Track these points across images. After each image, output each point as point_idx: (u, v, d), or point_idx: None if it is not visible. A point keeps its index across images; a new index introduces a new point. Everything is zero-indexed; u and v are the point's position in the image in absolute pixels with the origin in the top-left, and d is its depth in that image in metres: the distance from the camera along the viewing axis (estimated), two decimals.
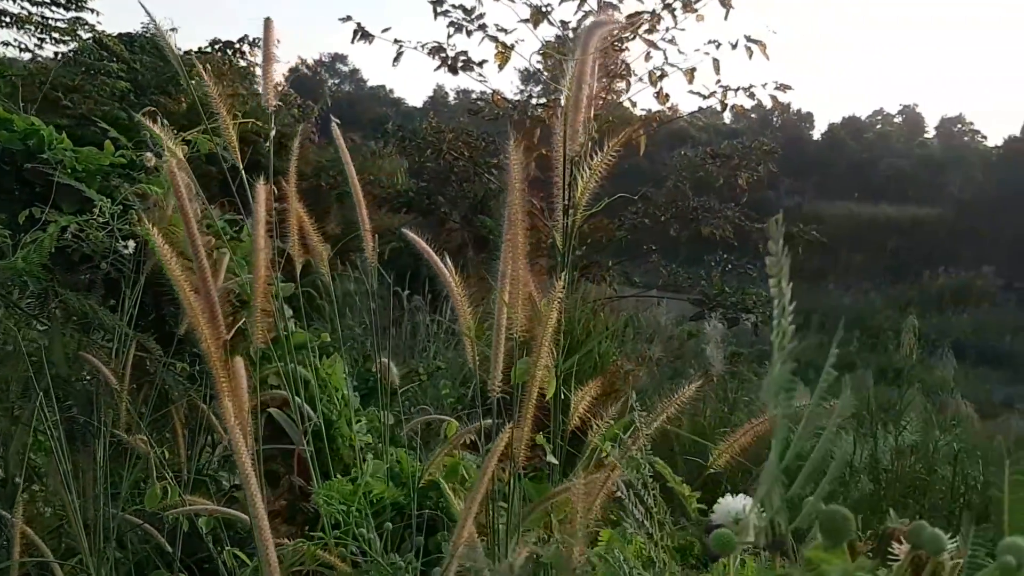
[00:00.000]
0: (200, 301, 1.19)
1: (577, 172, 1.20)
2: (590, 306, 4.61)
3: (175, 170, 1.28)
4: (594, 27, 1.11)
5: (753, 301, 6.16)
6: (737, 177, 6.51)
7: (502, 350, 1.29)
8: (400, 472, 1.77)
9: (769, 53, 5.92)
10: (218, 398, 1.15)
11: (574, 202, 1.23)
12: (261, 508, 1.04)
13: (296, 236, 1.56)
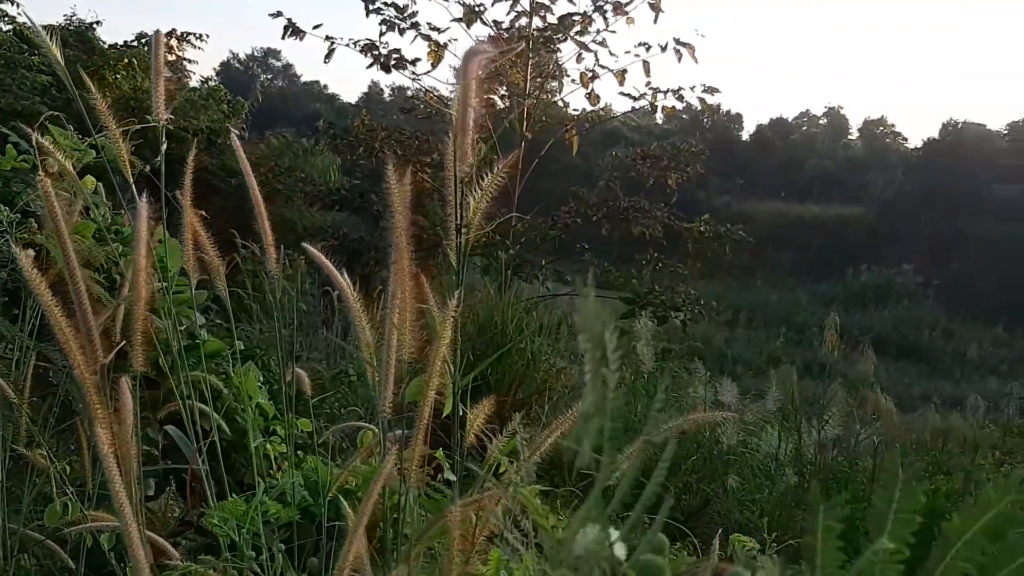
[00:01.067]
0: (74, 325, 1.13)
1: (469, 192, 1.23)
2: (522, 305, 4.64)
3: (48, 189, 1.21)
4: (471, 54, 1.14)
5: (682, 299, 6.28)
6: (667, 178, 6.63)
7: (392, 371, 1.30)
8: (317, 482, 1.76)
9: (698, 56, 6.05)
10: (91, 425, 1.10)
11: (467, 221, 1.25)
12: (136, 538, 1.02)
13: (191, 249, 1.50)
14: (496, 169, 1.21)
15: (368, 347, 1.33)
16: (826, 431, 5.48)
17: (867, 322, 23.32)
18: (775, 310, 24.56)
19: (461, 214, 1.25)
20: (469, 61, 1.15)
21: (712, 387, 6.15)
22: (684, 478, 5.04)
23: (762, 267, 29.55)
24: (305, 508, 1.70)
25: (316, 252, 1.48)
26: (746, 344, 20.30)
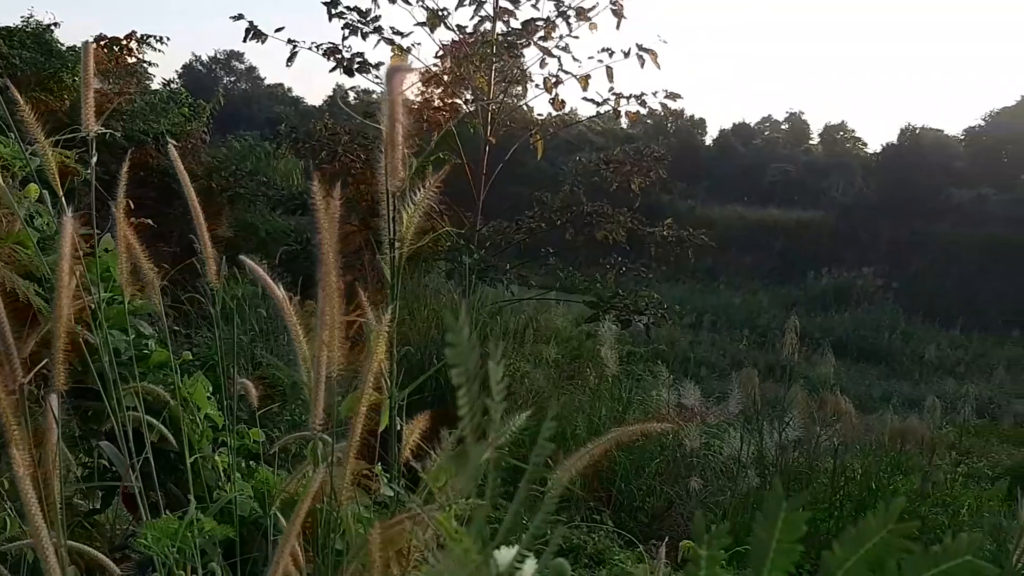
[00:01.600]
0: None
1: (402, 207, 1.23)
2: (487, 309, 4.65)
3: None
4: (394, 71, 1.15)
5: (645, 303, 6.32)
6: (631, 182, 6.67)
7: (323, 387, 1.29)
8: (267, 492, 1.73)
9: (662, 62, 6.10)
10: (7, 447, 1.06)
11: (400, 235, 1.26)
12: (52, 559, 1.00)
13: (125, 265, 1.46)
14: (428, 184, 1.21)
15: (305, 361, 1.31)
16: (787, 433, 5.55)
17: (828, 324, 23.63)
18: (738, 313, 24.79)
19: (394, 228, 1.25)
20: (392, 78, 1.15)
21: (675, 390, 6.20)
22: (648, 481, 5.08)
23: (725, 270, 29.84)
24: (256, 520, 1.67)
25: (252, 263, 1.46)
26: (710, 347, 20.46)
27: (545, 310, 10.89)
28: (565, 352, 10.10)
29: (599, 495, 4.86)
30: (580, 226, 6.54)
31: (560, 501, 3.16)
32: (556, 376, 6.72)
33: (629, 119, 6.45)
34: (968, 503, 5.23)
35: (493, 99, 6.54)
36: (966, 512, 5.07)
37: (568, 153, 9.76)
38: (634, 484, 4.97)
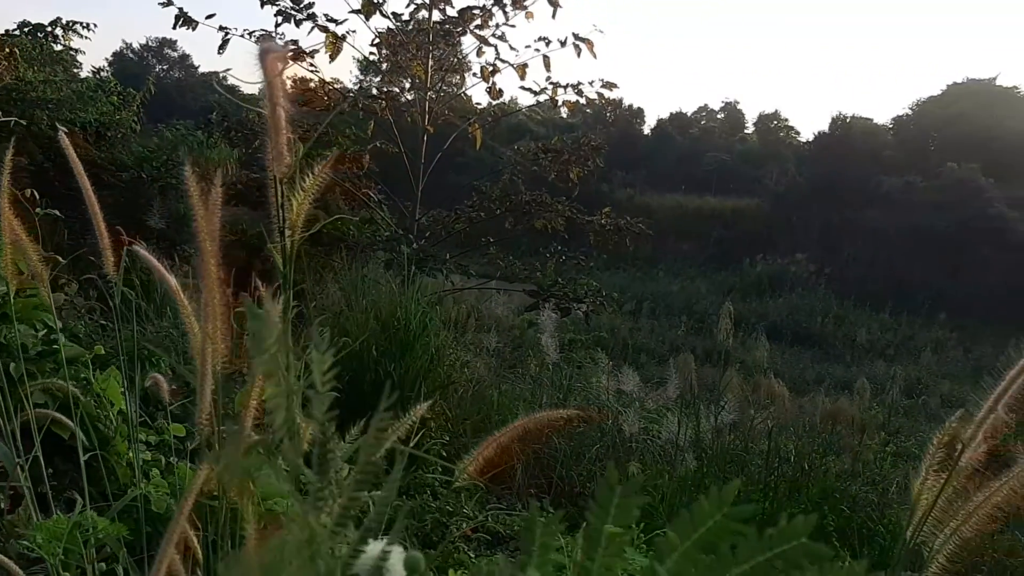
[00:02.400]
0: None
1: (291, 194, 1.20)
2: (427, 299, 4.63)
3: None
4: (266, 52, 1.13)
5: (585, 291, 6.37)
6: (569, 171, 6.70)
7: (208, 381, 1.26)
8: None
9: (600, 52, 6.13)
10: None
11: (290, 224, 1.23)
12: None
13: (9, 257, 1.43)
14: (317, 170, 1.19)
15: (199, 353, 1.27)
16: (722, 416, 5.66)
17: (763, 310, 24.16)
18: (677, 299, 25.17)
19: (283, 216, 1.21)
20: (265, 58, 1.13)
21: (615, 376, 6.28)
22: (588, 466, 5.13)
23: (664, 258, 30.26)
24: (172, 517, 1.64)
25: (143, 251, 1.42)
26: (649, 333, 20.74)
27: (487, 299, 10.92)
28: (508, 341, 10.14)
29: (539, 482, 4.90)
30: (519, 215, 6.55)
31: (501, 489, 3.17)
32: (497, 365, 6.74)
33: (567, 108, 6.47)
34: (897, 481, 5.40)
35: (431, 88, 6.50)
36: (895, 490, 5.24)
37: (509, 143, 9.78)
38: (574, 470, 5.01)
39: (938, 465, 1.24)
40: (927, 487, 1.23)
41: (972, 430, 1.24)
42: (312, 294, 5.18)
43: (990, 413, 1.23)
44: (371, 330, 4.34)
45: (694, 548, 0.47)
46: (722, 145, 40.57)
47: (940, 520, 1.22)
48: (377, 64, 7.64)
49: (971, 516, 1.21)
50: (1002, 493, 1.22)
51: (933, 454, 1.25)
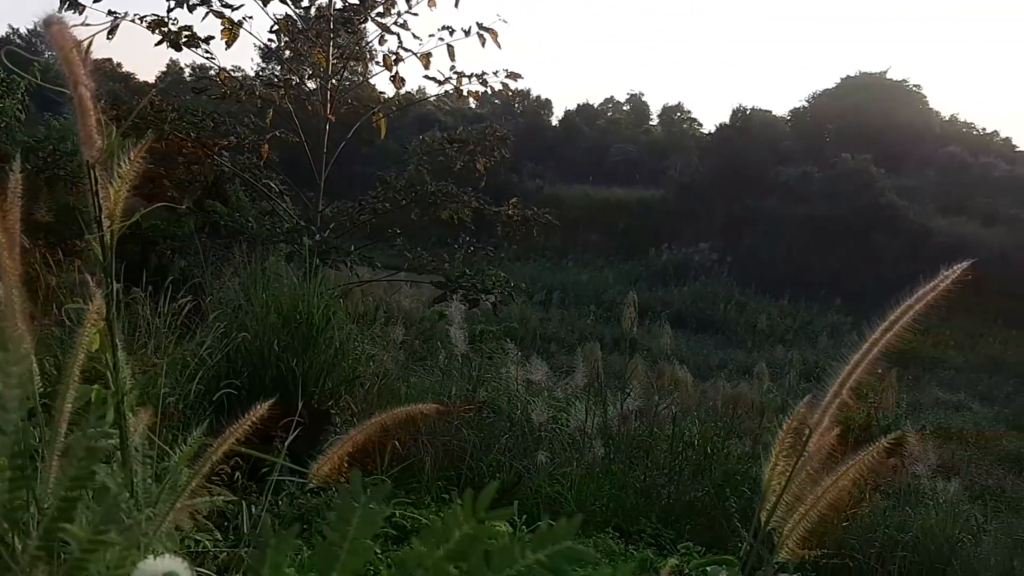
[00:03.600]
0: None
1: (108, 181, 1.13)
2: (331, 292, 4.54)
3: None
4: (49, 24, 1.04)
5: (493, 282, 6.36)
6: (475, 162, 6.67)
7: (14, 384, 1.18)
8: None
9: (507, 42, 6.12)
10: None
11: (108, 212, 1.15)
12: None
13: None
14: (132, 155, 1.12)
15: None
16: (628, 403, 5.75)
17: (669, 298, 24.71)
18: (586, 289, 25.50)
19: (98, 204, 1.13)
20: (51, 32, 1.04)
21: (524, 366, 6.30)
22: (497, 457, 5.14)
23: (574, 248, 30.59)
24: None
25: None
26: (559, 323, 20.96)
27: (395, 291, 10.81)
28: (418, 333, 10.06)
29: (449, 474, 4.87)
30: (425, 206, 6.49)
31: (409, 482, 3.13)
32: (406, 358, 6.67)
33: (472, 98, 6.44)
34: None
35: (332, 76, 6.36)
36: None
37: (419, 133, 9.68)
38: (484, 461, 5.01)
39: (787, 450, 1.26)
40: (777, 473, 1.25)
41: (819, 415, 1.26)
42: (210, 288, 5.02)
43: (835, 398, 1.25)
44: (271, 324, 4.23)
45: (445, 560, 0.43)
46: (628, 136, 41.22)
47: (791, 505, 1.24)
48: (279, 52, 7.44)
49: (819, 500, 1.23)
50: (849, 476, 1.25)
51: (782, 439, 1.27)
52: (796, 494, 1.22)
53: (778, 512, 1.22)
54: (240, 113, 7.02)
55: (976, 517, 5.96)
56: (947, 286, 1.22)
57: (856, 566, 4.66)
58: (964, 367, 21.45)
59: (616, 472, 5.42)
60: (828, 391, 1.26)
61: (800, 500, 1.22)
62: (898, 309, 1.23)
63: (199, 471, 1.14)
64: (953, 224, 29.68)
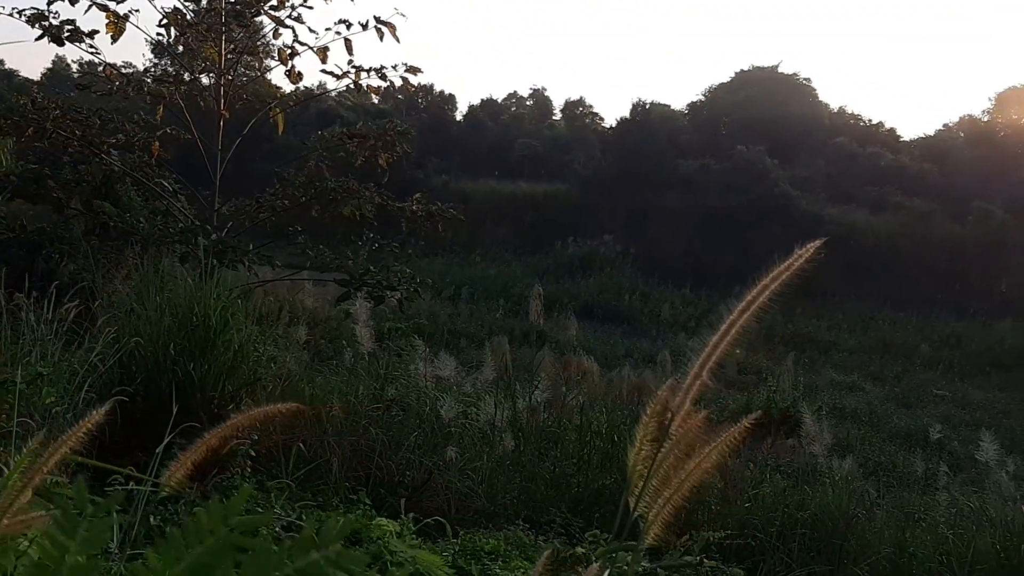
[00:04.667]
0: None
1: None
2: (229, 293, 4.41)
3: None
4: None
5: (398, 278, 6.30)
6: (377, 157, 6.59)
7: None
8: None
9: (407, 37, 6.07)
10: None
11: None
12: None
13: None
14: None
15: None
16: (536, 395, 5.79)
17: (575, 290, 25.04)
18: (494, 283, 25.57)
19: None
20: None
21: (432, 362, 6.27)
22: (406, 455, 5.10)
23: (481, 243, 30.62)
24: None
25: None
26: (469, 318, 20.97)
27: (299, 291, 10.60)
28: (324, 333, 9.89)
29: (358, 474, 4.81)
30: (325, 203, 6.37)
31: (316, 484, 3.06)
32: (311, 358, 6.55)
33: (371, 92, 6.36)
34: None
35: (225, 71, 6.18)
36: None
37: (320, 129, 9.50)
38: (393, 459, 4.96)
39: (651, 435, 1.28)
40: (642, 458, 1.26)
41: (680, 397, 1.27)
42: (101, 292, 4.81)
43: (696, 379, 1.27)
44: (166, 328, 4.08)
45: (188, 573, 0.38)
46: (532, 131, 41.43)
47: (657, 490, 1.25)
48: (171, 47, 7.19)
49: (683, 484, 1.25)
50: (712, 459, 1.27)
51: (646, 424, 1.28)
52: (663, 478, 1.24)
53: (645, 497, 1.23)
54: (130, 110, 6.75)
55: (869, 493, 6.25)
56: (801, 264, 1.25)
57: (759, 545, 4.81)
58: (857, 349, 22.41)
59: (526, 464, 5.45)
60: (689, 373, 1.27)
61: (666, 484, 1.23)
62: (754, 289, 1.25)
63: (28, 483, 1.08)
64: (843, 212, 30.97)
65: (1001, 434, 11.13)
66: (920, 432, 12.29)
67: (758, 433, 8.68)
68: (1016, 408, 17.64)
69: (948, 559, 4.91)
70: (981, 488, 6.33)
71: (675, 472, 1.21)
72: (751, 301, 1.23)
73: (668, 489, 1.21)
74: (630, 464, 1.24)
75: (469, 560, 3.31)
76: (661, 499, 1.21)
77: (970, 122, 40.52)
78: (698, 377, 1.25)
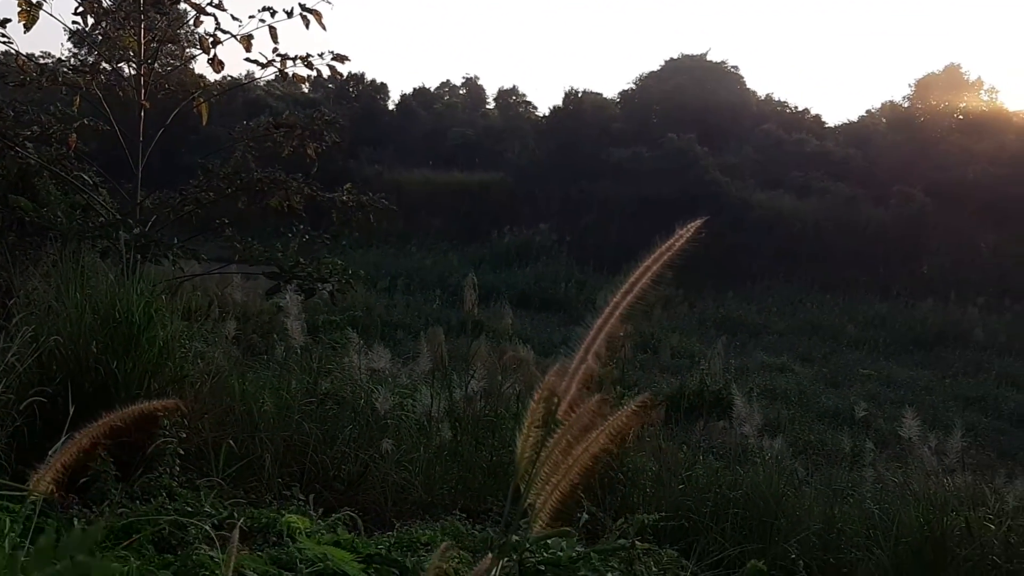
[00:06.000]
0: None
1: None
2: (151, 289, 4.29)
3: None
4: None
5: (329, 271, 6.21)
6: (306, 147, 6.48)
7: None
8: None
9: (331, 25, 5.96)
10: None
11: None
12: None
13: None
14: None
15: None
16: (472, 385, 5.79)
17: (512, 279, 25.12)
18: (431, 274, 25.49)
19: None
20: None
21: (366, 354, 6.21)
22: (341, 448, 5.05)
23: (417, 233, 30.47)
24: None
25: None
26: (405, 309, 20.88)
27: (228, 285, 10.40)
28: (256, 327, 9.71)
29: (292, 469, 4.74)
30: (251, 194, 6.24)
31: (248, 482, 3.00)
32: (241, 353, 6.42)
33: (297, 81, 6.24)
34: (633, 431, 5.79)
35: (145, 60, 6.00)
36: (631, 439, 5.61)
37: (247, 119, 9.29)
38: (327, 454, 4.90)
39: (539, 421, 1.27)
40: (530, 445, 1.25)
41: (567, 382, 1.26)
42: (17, 290, 4.63)
43: (581, 363, 1.26)
44: (88, 326, 3.96)
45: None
46: (465, 120, 41.31)
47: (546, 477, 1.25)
48: (90, 36, 6.95)
49: (570, 471, 1.25)
50: (599, 444, 1.27)
51: (534, 410, 1.27)
52: (552, 465, 1.23)
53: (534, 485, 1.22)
54: (47, 101, 6.51)
55: (799, 471, 6.41)
56: (682, 244, 1.25)
57: (692, 525, 4.90)
58: (786, 331, 22.97)
59: (464, 454, 5.45)
60: (575, 357, 1.26)
61: (555, 471, 1.22)
62: (637, 270, 1.25)
63: None
64: (771, 198, 31.67)
65: (923, 410, 11.54)
66: (847, 410, 12.67)
67: (691, 416, 8.84)
68: (938, 385, 18.32)
69: (874, 533, 5.07)
70: (905, 463, 6.55)
71: (564, 458, 1.21)
72: (633, 283, 1.23)
73: (556, 476, 1.21)
74: (518, 452, 1.23)
75: (405, 552, 3.29)
76: (548, 486, 1.20)
77: (891, 108, 41.81)
78: (583, 361, 1.24)
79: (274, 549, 2.82)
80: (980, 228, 30.04)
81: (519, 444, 1.24)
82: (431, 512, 4.64)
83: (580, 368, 1.24)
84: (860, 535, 5.13)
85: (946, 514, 4.76)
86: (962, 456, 5.72)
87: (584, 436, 1.22)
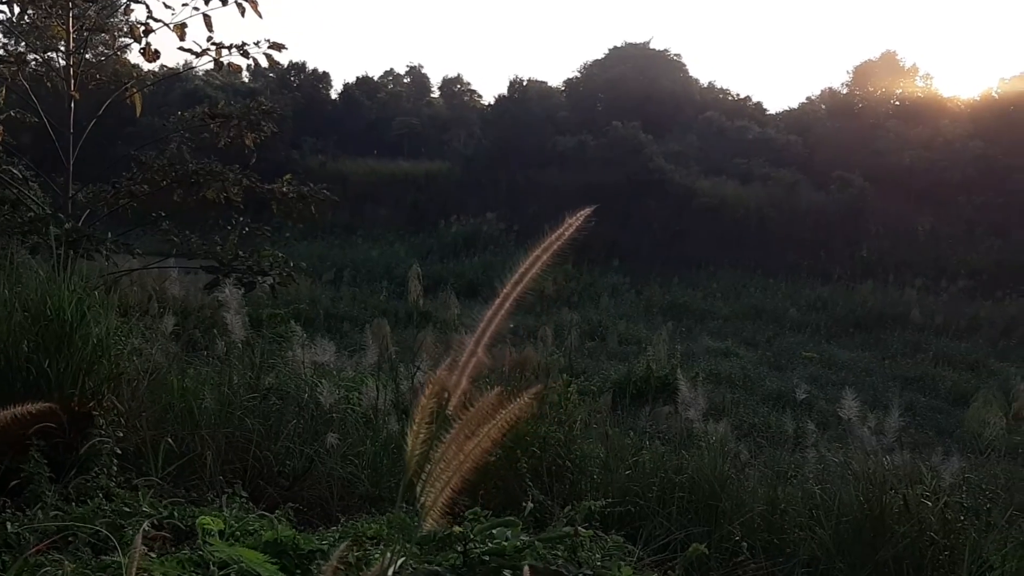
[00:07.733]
0: None
1: None
2: (84, 285, 4.16)
3: None
4: None
5: (270, 263, 6.10)
6: (243, 137, 6.34)
7: None
8: None
9: (270, 12, 5.84)
10: None
11: None
12: None
13: None
14: None
15: None
16: (418, 377, 5.75)
17: (460, 269, 25.03)
18: (377, 265, 25.27)
19: None
20: None
21: (310, 348, 6.12)
22: (285, 444, 4.97)
23: (362, 224, 30.18)
24: None
25: None
26: (352, 300, 20.68)
27: (166, 279, 10.15)
28: (197, 322, 9.50)
29: (234, 466, 4.65)
30: (187, 186, 6.10)
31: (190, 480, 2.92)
32: (181, 348, 6.27)
33: (233, 70, 6.10)
34: (580, 417, 5.80)
35: (74, 50, 5.81)
36: (579, 426, 5.62)
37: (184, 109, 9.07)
38: (271, 450, 4.82)
39: (429, 416, 1.25)
40: (420, 441, 1.23)
41: (456, 376, 1.23)
42: None
43: (472, 357, 1.23)
44: (18, 324, 3.83)
45: None
46: (410, 109, 41.00)
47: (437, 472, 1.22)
48: (17, 24, 6.70)
49: (461, 466, 1.23)
50: (492, 436, 1.25)
51: (424, 405, 1.25)
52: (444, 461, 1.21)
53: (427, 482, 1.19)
54: None
55: (743, 453, 6.49)
56: (571, 234, 1.24)
57: (639, 511, 4.92)
58: (730, 316, 23.29)
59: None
60: (464, 351, 1.23)
61: (446, 467, 1.20)
62: (527, 260, 1.23)
63: None
64: (715, 185, 32.05)
65: (863, 391, 11.82)
66: (790, 393, 12.89)
67: (638, 401, 8.91)
68: (877, 366, 18.77)
69: (816, 512, 5.15)
70: (845, 444, 6.68)
71: (455, 454, 1.19)
72: (524, 273, 1.22)
73: (447, 472, 1.18)
74: (408, 448, 1.20)
75: (350, 546, 3.25)
76: (439, 483, 1.18)
77: (831, 95, 42.61)
78: (474, 354, 1.21)
79: (187, 551, 2.77)
80: (917, 212, 30.81)
81: (409, 441, 1.21)
82: (378, 506, 4.60)
83: (471, 362, 1.21)
84: (803, 515, 5.21)
85: (885, 492, 4.85)
86: (900, 435, 5.85)
87: (477, 431, 1.19)
